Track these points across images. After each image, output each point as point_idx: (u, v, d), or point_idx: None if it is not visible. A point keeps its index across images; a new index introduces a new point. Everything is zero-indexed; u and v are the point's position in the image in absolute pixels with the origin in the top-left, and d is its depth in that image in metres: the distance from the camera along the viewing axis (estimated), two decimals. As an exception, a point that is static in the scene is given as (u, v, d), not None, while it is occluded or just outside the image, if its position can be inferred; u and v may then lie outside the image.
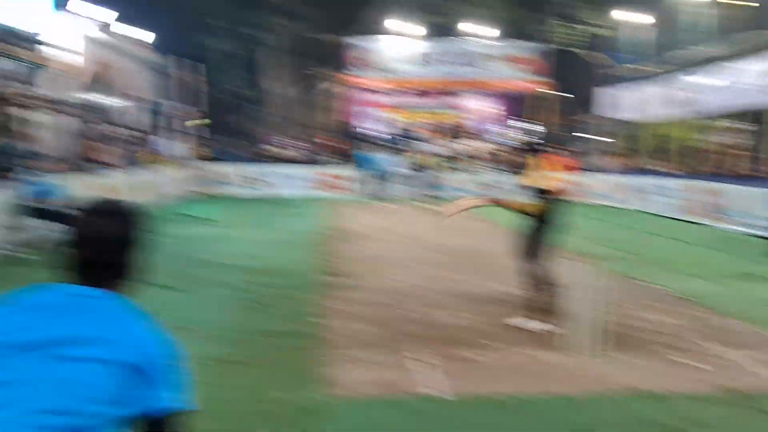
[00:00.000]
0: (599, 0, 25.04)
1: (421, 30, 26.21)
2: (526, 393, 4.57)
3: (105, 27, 21.38)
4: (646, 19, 23.63)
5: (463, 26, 25.47)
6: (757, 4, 21.05)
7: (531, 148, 6.77)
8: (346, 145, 23.44)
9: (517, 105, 29.37)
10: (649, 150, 22.87)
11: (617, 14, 24.11)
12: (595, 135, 29.22)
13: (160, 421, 1.66)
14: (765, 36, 18.08)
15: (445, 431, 4.02)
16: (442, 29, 26.09)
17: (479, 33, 25.06)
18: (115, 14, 22.43)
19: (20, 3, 16.89)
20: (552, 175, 6.48)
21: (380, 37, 25.97)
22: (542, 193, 6.38)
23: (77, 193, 10.09)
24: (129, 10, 22.79)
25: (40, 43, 16.91)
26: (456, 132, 26.85)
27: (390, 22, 25.90)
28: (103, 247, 1.76)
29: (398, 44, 25.64)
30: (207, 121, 23.57)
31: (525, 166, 6.63)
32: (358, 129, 26.04)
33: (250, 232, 12.76)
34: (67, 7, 19.38)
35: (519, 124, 27.09)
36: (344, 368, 4.99)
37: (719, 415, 4.26)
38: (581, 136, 36.16)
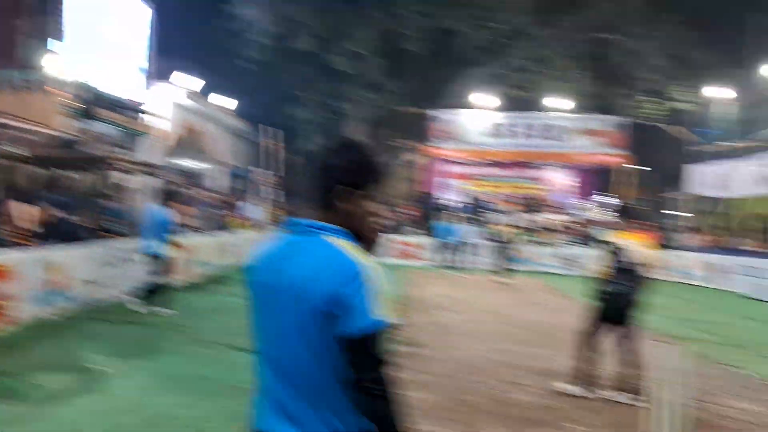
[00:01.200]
0: (684, 75, 24.80)
1: (501, 103, 26.57)
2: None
3: (193, 94, 22.69)
4: (732, 94, 23.19)
5: (544, 99, 25.67)
6: None
7: (625, 216, 6.71)
8: (425, 214, 23.69)
9: (597, 179, 29.08)
10: (736, 228, 22.06)
11: (705, 89, 23.78)
12: (678, 211, 28.49)
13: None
14: None
15: None
16: (522, 102, 26.36)
17: (559, 106, 25.16)
18: (203, 83, 23.81)
19: (121, 73, 18.24)
20: (647, 249, 6.37)
21: (462, 110, 26.47)
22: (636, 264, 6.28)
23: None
24: (216, 78, 24.15)
25: (143, 111, 18.12)
26: (534, 204, 26.75)
27: (472, 96, 26.40)
28: None
29: (479, 117, 26.03)
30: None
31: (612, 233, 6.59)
32: (437, 199, 26.33)
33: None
34: (169, 79, 20.70)
35: (599, 198, 26.80)
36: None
37: None
38: (663, 212, 35.31)
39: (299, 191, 33.83)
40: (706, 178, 21.49)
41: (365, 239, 2.02)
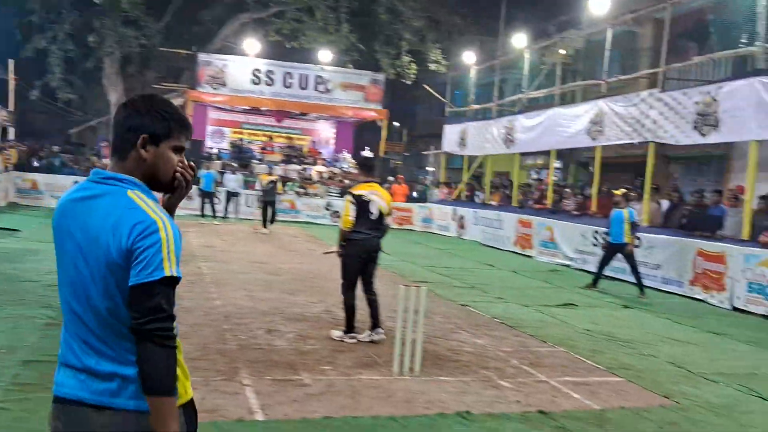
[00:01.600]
0: (441, 38, 26.36)
1: (269, 50, 26.23)
2: (339, 414, 4.69)
3: None
4: (485, 60, 25.20)
5: (310, 51, 25.78)
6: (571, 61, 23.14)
7: (364, 170, 7.21)
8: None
9: (357, 132, 30.10)
10: (480, 184, 24.26)
11: (461, 54, 25.51)
12: (432, 167, 30.58)
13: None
14: (584, 86, 19.92)
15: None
16: (290, 52, 26.24)
17: (324, 59, 25.45)
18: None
19: None
20: (387, 200, 7.00)
21: (230, 56, 25.70)
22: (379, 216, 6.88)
23: None
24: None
25: None
26: (299, 155, 27.03)
27: (241, 42, 25.74)
28: None
29: (246, 63, 25.45)
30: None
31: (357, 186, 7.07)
32: (202, 147, 25.46)
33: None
34: None
35: (353, 151, 27.83)
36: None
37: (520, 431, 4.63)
38: (419, 168, 37.72)
39: (37, 129, 30.69)
40: (456, 137, 23.26)
41: (164, 189, 2.10)
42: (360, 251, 6.84)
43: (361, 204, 6.79)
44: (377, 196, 6.89)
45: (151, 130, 2.01)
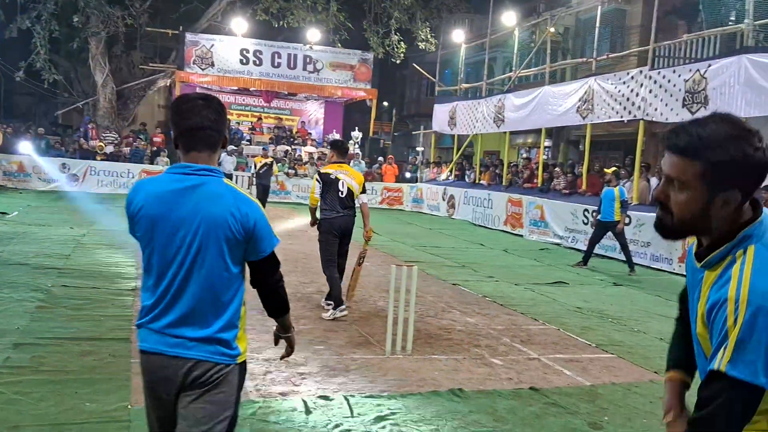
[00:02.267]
0: (430, 16, 26.14)
1: (257, 30, 25.96)
2: (334, 394, 4.71)
3: None
4: (474, 38, 25.08)
5: (299, 30, 25.53)
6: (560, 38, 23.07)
7: (335, 150, 7.49)
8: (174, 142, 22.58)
9: (346, 112, 29.97)
10: (470, 164, 24.25)
11: (450, 33, 25.37)
12: (422, 146, 30.52)
13: None
14: (573, 64, 19.88)
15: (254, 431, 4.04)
16: (278, 31, 25.97)
17: (313, 38, 25.21)
18: None
19: None
20: (357, 180, 7.26)
21: (218, 36, 25.42)
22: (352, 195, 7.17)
23: None
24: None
25: None
26: (289, 135, 26.89)
27: (229, 21, 25.42)
28: None
29: (234, 43, 25.19)
30: None
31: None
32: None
33: (57, 229, 11.90)
34: None
35: (343, 131, 27.73)
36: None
37: (512, 408, 4.66)
38: (409, 147, 37.63)
39: (23, 110, 30.28)
40: (445, 117, 23.20)
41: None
42: (332, 229, 7.07)
43: (328, 182, 7.05)
44: (346, 175, 7.13)
45: (225, 132, 2.54)
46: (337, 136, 26.96)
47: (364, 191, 7.25)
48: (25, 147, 20.30)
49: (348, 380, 5.01)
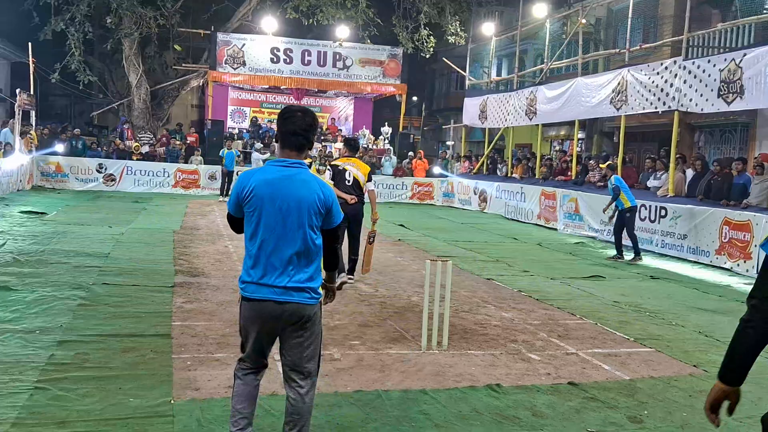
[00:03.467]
0: (459, 10, 25.99)
1: (287, 28, 26.09)
2: (370, 388, 4.73)
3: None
4: (505, 31, 24.89)
5: (328, 27, 25.59)
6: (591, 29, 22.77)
7: (347, 147, 8.79)
8: (211, 142, 22.86)
9: (376, 108, 29.99)
10: (502, 157, 24.10)
11: (480, 26, 25.23)
12: (453, 140, 30.39)
13: None
14: (606, 55, 19.62)
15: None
16: (307, 29, 26.08)
17: (342, 34, 25.25)
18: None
19: None
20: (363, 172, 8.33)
21: (248, 35, 25.62)
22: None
23: None
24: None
25: None
26: (320, 132, 26.98)
27: (259, 20, 25.61)
28: None
29: (265, 42, 25.37)
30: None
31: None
32: (224, 126, 25.52)
33: (96, 228, 12.12)
34: None
35: (372, 126, 27.72)
36: (201, 370, 4.92)
37: (551, 403, 4.63)
38: (439, 141, 37.50)
39: (58, 112, 30.82)
40: (476, 110, 23.08)
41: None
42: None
43: (337, 172, 8.23)
44: (352, 167, 8.28)
45: (312, 139, 3.44)
46: (367, 132, 27.05)
47: (370, 180, 8.32)
48: (60, 148, 20.70)
49: (383, 375, 5.03)
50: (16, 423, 3.82)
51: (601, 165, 12.40)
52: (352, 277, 8.41)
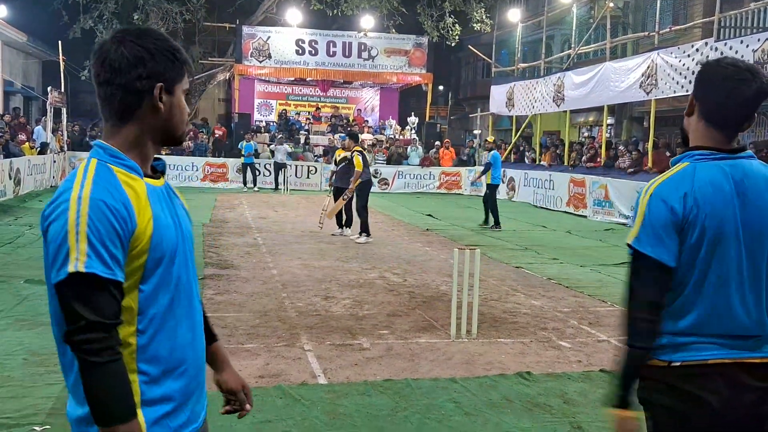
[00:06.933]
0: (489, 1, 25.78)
1: (311, 20, 26.12)
2: (400, 377, 4.73)
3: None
4: (530, 17, 24.62)
5: (353, 18, 25.53)
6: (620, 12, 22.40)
7: (353, 140, 11.39)
8: (237, 135, 23.04)
9: (402, 97, 29.87)
10: (530, 145, 23.88)
11: (505, 12, 24.99)
12: (481, 129, 30.18)
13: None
14: (635, 38, 19.30)
15: (322, 415, 4.08)
16: (331, 20, 26.06)
17: (366, 25, 25.18)
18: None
19: None
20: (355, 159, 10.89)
21: (273, 28, 25.71)
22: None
23: None
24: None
25: None
26: (346, 123, 26.99)
27: (284, 13, 25.67)
28: None
29: (289, 34, 25.43)
30: None
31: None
32: (250, 119, 25.67)
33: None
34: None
35: (398, 116, 27.61)
36: (231, 361, 4.95)
37: (583, 391, 4.59)
38: (466, 130, 37.27)
39: (88, 109, 31.18)
40: (503, 98, 22.88)
41: (178, 143, 1.83)
42: (368, 186, 11.40)
43: (363, 156, 11.07)
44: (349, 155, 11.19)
45: (165, 75, 1.63)
46: (393, 123, 26.98)
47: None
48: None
49: (413, 364, 5.03)
50: (51, 413, 3.89)
51: (488, 139, 13.64)
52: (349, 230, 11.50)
